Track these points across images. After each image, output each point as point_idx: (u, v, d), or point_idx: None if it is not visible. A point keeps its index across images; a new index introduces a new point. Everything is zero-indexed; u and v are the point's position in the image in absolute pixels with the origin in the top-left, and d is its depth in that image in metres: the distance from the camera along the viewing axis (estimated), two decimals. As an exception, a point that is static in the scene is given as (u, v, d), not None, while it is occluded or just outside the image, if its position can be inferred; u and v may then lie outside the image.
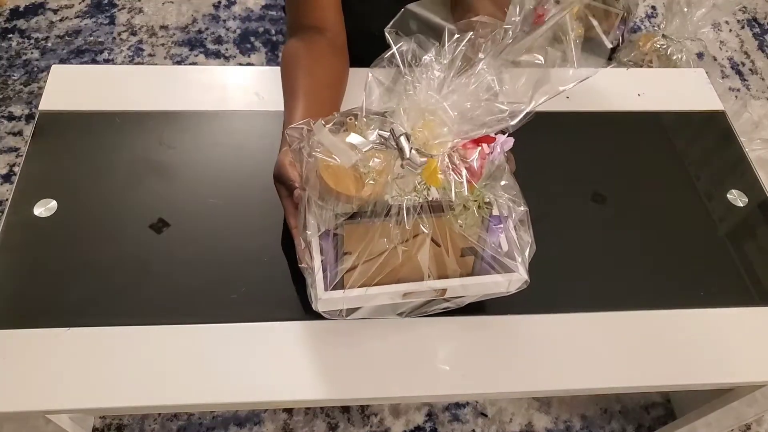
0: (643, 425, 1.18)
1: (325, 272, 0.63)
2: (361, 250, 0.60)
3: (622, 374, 0.71)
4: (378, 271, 0.62)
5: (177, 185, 0.82)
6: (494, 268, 0.65)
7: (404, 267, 0.63)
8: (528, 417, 1.17)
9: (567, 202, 0.85)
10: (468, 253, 0.65)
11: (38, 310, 0.70)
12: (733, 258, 0.81)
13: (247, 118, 0.90)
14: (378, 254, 0.61)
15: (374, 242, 0.60)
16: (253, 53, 1.76)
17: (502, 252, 0.65)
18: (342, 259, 0.62)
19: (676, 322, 0.75)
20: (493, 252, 0.64)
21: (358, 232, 0.61)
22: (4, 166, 1.48)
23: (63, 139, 0.86)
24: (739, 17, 2.01)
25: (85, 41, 1.74)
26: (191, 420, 1.13)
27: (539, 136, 0.92)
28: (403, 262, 0.62)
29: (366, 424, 1.14)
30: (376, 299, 0.65)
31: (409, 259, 0.62)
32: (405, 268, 0.63)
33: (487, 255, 0.64)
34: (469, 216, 0.61)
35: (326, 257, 0.64)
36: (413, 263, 0.63)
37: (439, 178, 0.59)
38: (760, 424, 1.19)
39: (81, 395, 0.65)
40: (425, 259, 0.62)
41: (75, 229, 0.77)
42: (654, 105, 0.98)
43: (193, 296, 0.72)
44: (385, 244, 0.60)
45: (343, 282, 0.63)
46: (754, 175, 0.90)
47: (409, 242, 0.61)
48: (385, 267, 0.62)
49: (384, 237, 0.60)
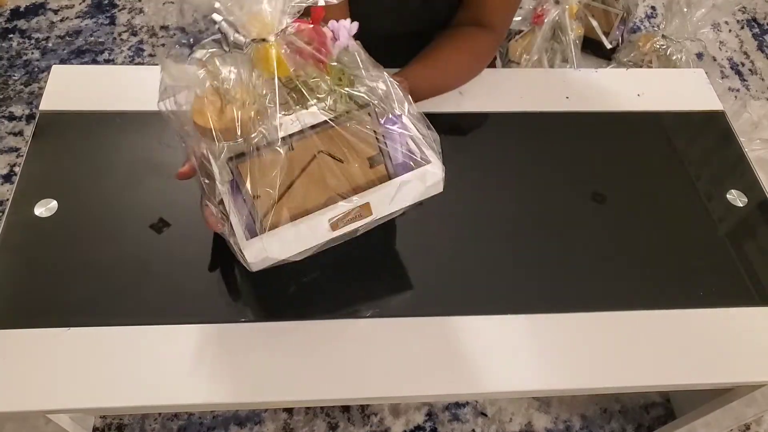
0: (642, 425, 1.18)
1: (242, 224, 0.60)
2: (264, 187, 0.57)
3: (622, 374, 0.71)
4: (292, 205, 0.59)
5: (177, 185, 0.82)
6: (408, 166, 0.62)
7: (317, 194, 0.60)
8: (528, 417, 1.17)
9: (567, 202, 0.85)
10: (377, 162, 0.61)
11: (38, 310, 0.70)
12: (733, 258, 0.81)
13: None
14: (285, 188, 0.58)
15: (275, 177, 0.57)
16: (253, 53, 1.76)
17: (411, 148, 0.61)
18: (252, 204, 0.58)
19: (675, 322, 0.75)
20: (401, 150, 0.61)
21: (257, 172, 0.57)
22: (4, 166, 1.48)
23: (63, 139, 0.86)
24: (739, 17, 2.01)
25: (85, 41, 1.74)
26: (191, 420, 1.13)
27: (539, 136, 0.93)
28: (314, 189, 0.59)
29: (366, 424, 1.14)
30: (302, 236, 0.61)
31: (318, 184, 0.59)
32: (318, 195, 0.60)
33: (396, 155, 0.61)
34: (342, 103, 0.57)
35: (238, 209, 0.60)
36: (324, 187, 0.60)
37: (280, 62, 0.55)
38: (759, 424, 1.19)
39: (81, 395, 0.65)
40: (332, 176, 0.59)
41: (75, 229, 0.77)
42: (654, 105, 0.98)
43: (193, 296, 0.73)
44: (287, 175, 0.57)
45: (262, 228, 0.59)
46: (753, 176, 0.90)
47: (310, 165, 0.58)
48: (297, 199, 0.59)
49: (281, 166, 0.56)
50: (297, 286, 0.73)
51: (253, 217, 0.59)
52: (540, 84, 0.99)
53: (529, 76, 1.04)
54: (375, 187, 0.62)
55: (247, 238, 0.59)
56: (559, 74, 1.04)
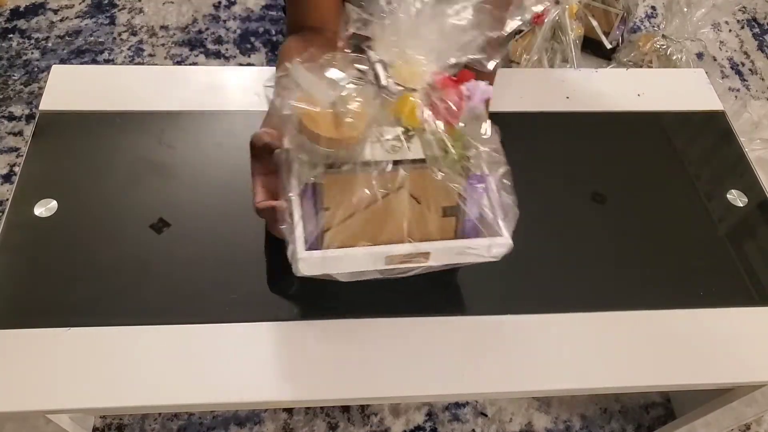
0: (642, 425, 1.18)
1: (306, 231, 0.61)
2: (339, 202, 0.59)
3: (622, 374, 0.71)
4: (358, 228, 0.60)
5: (177, 185, 0.82)
6: (478, 230, 0.63)
7: (385, 225, 0.61)
8: (528, 417, 1.17)
9: (567, 202, 0.85)
10: (450, 213, 0.62)
11: (38, 310, 0.70)
12: (733, 258, 0.81)
13: (247, 118, 0.90)
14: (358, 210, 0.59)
15: (354, 195, 0.58)
16: (253, 53, 1.76)
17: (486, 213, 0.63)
18: (321, 215, 0.59)
19: (675, 322, 0.75)
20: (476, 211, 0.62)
21: (338, 186, 0.59)
22: (4, 166, 1.48)
23: (63, 139, 0.86)
24: (739, 17, 2.01)
25: (85, 41, 1.74)
26: (191, 420, 1.13)
27: (539, 136, 0.93)
28: (384, 219, 0.60)
29: (366, 424, 1.14)
30: (358, 261, 0.62)
31: (390, 217, 0.60)
32: (386, 227, 0.61)
33: (471, 214, 0.62)
34: (448, 161, 0.59)
35: (305, 215, 0.61)
36: (394, 222, 0.60)
37: (417, 116, 0.57)
38: (759, 424, 1.19)
39: (81, 395, 0.65)
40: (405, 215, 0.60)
41: (75, 229, 0.77)
42: (654, 105, 0.98)
43: (193, 296, 0.73)
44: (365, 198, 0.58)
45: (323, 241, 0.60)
46: (753, 176, 0.90)
47: (389, 196, 0.59)
48: (365, 224, 0.60)
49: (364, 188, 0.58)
50: (296, 286, 0.73)
51: (317, 226, 0.60)
52: (540, 84, 0.99)
53: (529, 76, 1.04)
54: (441, 240, 0.63)
55: (306, 245, 0.60)
56: (559, 74, 1.04)
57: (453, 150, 0.59)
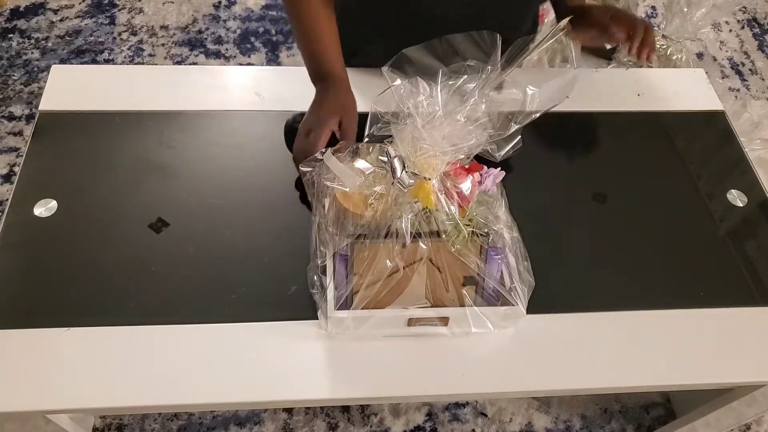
0: (642, 425, 1.18)
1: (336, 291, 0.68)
2: (366, 269, 0.66)
3: (622, 374, 0.71)
4: (383, 292, 0.66)
5: (177, 185, 0.82)
6: (494, 299, 0.69)
7: (407, 291, 0.67)
8: (528, 417, 1.17)
9: (567, 202, 0.85)
10: (469, 282, 0.68)
11: (38, 310, 0.70)
12: (733, 258, 0.81)
13: (247, 118, 0.90)
14: (383, 275, 0.66)
15: (379, 262, 0.65)
16: (253, 53, 1.76)
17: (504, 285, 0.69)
18: (350, 279, 0.66)
19: (676, 322, 0.75)
20: (494, 283, 0.68)
21: (365, 254, 0.66)
22: (4, 166, 1.48)
23: (63, 139, 0.86)
24: (739, 17, 2.01)
25: (85, 41, 1.74)
26: (191, 420, 1.13)
27: (540, 137, 0.92)
28: (406, 286, 0.67)
29: (366, 424, 1.14)
30: (382, 321, 0.68)
31: (413, 284, 0.67)
32: (408, 292, 0.67)
33: (488, 286, 0.68)
34: (460, 240, 0.66)
35: (337, 278, 0.68)
36: (417, 289, 0.67)
37: (432, 198, 0.65)
38: (759, 424, 1.19)
39: (81, 395, 0.65)
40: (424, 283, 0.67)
41: (75, 229, 0.77)
42: (654, 105, 0.98)
43: (193, 296, 0.72)
44: (389, 265, 0.65)
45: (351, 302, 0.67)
46: (753, 175, 0.90)
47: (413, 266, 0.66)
48: (389, 289, 0.66)
49: (388, 258, 0.65)
50: (296, 287, 0.73)
51: (347, 289, 0.67)
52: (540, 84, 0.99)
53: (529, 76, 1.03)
54: (460, 307, 0.69)
55: (336, 306, 0.67)
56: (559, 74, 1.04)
57: (464, 229, 0.66)
